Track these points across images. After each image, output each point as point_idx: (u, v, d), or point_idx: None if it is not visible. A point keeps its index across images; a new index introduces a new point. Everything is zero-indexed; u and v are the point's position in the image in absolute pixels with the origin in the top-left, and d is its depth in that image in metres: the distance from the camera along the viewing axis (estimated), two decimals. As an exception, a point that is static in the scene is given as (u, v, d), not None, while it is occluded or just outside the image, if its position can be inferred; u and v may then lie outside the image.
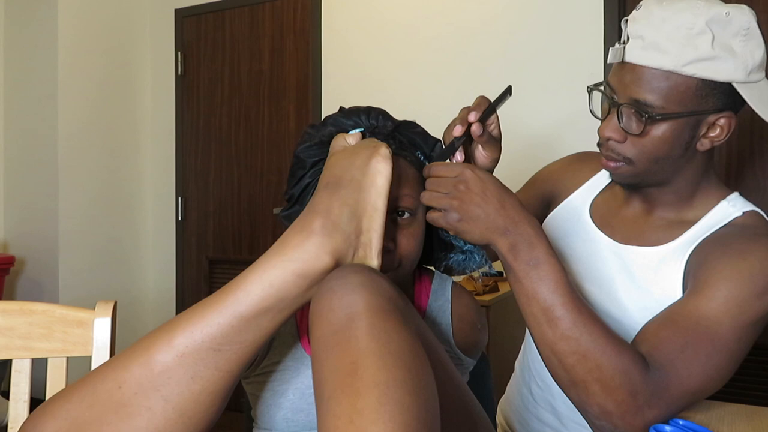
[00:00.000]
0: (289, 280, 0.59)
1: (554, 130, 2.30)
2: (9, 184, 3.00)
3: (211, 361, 0.58)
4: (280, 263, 0.59)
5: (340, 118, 0.80)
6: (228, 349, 0.58)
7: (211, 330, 0.58)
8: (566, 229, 1.01)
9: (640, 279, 0.88)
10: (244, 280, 0.59)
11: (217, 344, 0.58)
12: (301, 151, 0.81)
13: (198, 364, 0.58)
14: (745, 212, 0.86)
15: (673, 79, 0.79)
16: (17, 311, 0.83)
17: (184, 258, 3.23)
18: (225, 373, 0.59)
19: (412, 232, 0.77)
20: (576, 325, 0.72)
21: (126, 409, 0.56)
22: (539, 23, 2.36)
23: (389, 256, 0.75)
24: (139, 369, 0.57)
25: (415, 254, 0.78)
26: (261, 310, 0.59)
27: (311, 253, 0.60)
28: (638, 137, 0.83)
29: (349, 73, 2.76)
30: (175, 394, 0.57)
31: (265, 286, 0.59)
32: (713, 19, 0.78)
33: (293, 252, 0.60)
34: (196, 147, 3.20)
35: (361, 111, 0.80)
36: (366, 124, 0.78)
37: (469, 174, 0.73)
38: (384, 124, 0.79)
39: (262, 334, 0.60)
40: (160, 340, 0.58)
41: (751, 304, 0.76)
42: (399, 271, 0.77)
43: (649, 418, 0.72)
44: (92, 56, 3.00)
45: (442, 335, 0.85)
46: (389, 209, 0.75)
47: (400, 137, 0.80)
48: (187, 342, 0.57)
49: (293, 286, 0.59)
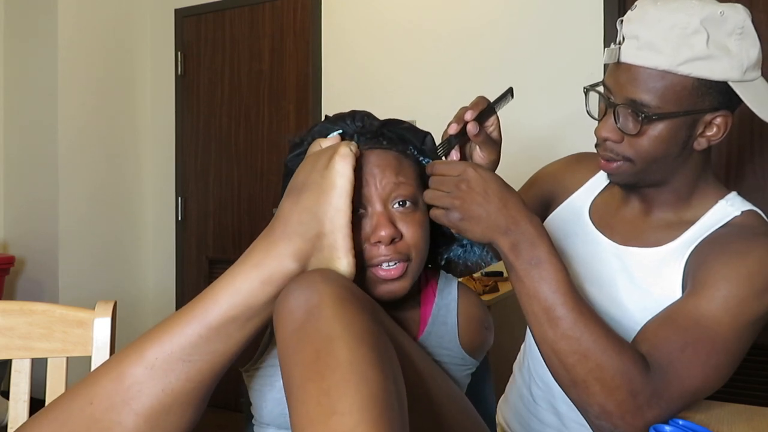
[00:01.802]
0: (255, 287, 0.59)
1: (554, 130, 2.30)
2: (9, 183, 3.00)
3: (182, 372, 0.58)
4: (245, 271, 0.60)
5: (326, 124, 0.80)
6: (198, 359, 0.58)
7: (180, 341, 0.58)
8: (566, 231, 1.01)
9: (640, 280, 0.88)
10: (212, 290, 0.60)
11: (187, 355, 0.58)
12: (289, 160, 0.81)
13: (169, 375, 0.57)
14: (744, 212, 0.86)
15: (669, 78, 0.79)
16: (17, 311, 0.84)
17: (184, 258, 3.23)
18: (197, 384, 0.59)
19: (416, 220, 0.77)
20: (577, 324, 0.72)
21: (98, 425, 0.56)
22: (539, 23, 2.36)
23: (397, 246, 0.74)
24: (110, 384, 0.57)
25: (423, 243, 0.77)
26: (229, 318, 0.59)
27: (274, 259, 0.61)
28: (635, 137, 0.83)
29: (349, 73, 2.76)
30: (147, 407, 0.57)
31: (232, 295, 0.59)
32: (708, 18, 0.78)
33: (258, 259, 0.61)
34: (196, 147, 3.20)
35: (346, 116, 0.80)
36: (352, 127, 0.79)
37: (472, 173, 0.73)
38: (370, 123, 0.79)
39: (233, 343, 0.60)
40: (131, 353, 0.58)
41: (750, 304, 0.76)
42: (411, 265, 0.76)
43: (649, 418, 0.72)
44: (92, 56, 3.00)
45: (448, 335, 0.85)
46: (388, 202, 0.76)
47: (388, 134, 0.80)
48: (157, 354, 0.57)
49: (260, 293, 0.60)
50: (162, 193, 3.28)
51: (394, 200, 0.76)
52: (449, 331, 0.85)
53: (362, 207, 0.76)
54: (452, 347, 0.85)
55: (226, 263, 3.10)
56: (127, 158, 3.20)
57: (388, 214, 0.75)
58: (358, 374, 0.50)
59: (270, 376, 0.78)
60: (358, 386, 0.49)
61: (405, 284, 0.76)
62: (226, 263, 3.12)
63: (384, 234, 0.72)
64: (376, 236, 0.73)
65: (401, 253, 0.75)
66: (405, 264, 0.75)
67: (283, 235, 0.62)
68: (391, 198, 0.76)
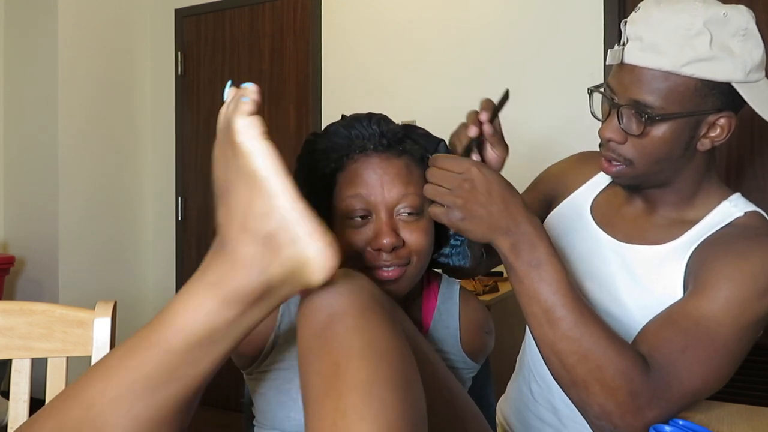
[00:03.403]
0: (216, 308, 0.51)
1: (554, 130, 2.30)
2: (9, 184, 3.00)
3: (151, 401, 0.52)
4: (202, 291, 0.52)
5: (340, 125, 0.80)
6: (165, 388, 0.52)
7: (143, 371, 0.52)
8: (567, 227, 1.01)
9: (641, 278, 0.88)
10: (169, 314, 0.53)
11: (153, 384, 0.52)
12: (300, 158, 0.82)
13: (136, 406, 0.52)
14: (747, 212, 0.86)
15: (672, 79, 0.79)
16: (17, 311, 0.83)
17: (184, 258, 3.23)
18: (169, 410, 0.53)
19: (420, 227, 0.77)
20: (577, 325, 0.72)
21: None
22: (539, 24, 2.36)
23: (398, 253, 0.75)
24: (76, 411, 0.53)
25: (426, 249, 0.78)
26: (192, 344, 0.52)
27: (230, 274, 0.51)
28: (638, 138, 0.83)
29: (349, 73, 2.76)
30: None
31: (191, 319, 0.52)
32: (711, 19, 0.78)
33: (214, 277, 0.52)
34: (196, 147, 3.20)
35: (363, 118, 0.80)
36: (368, 130, 0.79)
37: (476, 172, 0.73)
38: (391, 129, 0.80)
39: (204, 367, 0.53)
40: (94, 381, 0.54)
41: (752, 305, 0.76)
42: (410, 268, 0.77)
43: (649, 419, 0.72)
44: (92, 56, 3.00)
45: (450, 338, 0.85)
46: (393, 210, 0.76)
47: (402, 140, 0.80)
48: (119, 385, 0.52)
49: (223, 314, 0.52)
50: (162, 193, 3.28)
51: (399, 210, 0.76)
52: (451, 335, 0.85)
53: (367, 212, 0.76)
54: (454, 351, 0.85)
55: (226, 263, 3.11)
56: (127, 158, 3.20)
57: (392, 222, 0.75)
58: (378, 399, 0.48)
59: (274, 380, 0.78)
60: (376, 413, 0.47)
61: (402, 286, 0.77)
62: (226, 263, 3.14)
63: (386, 242, 0.73)
64: (378, 244, 0.74)
65: (401, 258, 0.75)
66: (404, 268, 0.76)
67: (233, 247, 0.52)
68: (396, 207, 0.76)
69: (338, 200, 0.78)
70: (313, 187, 0.80)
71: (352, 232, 0.76)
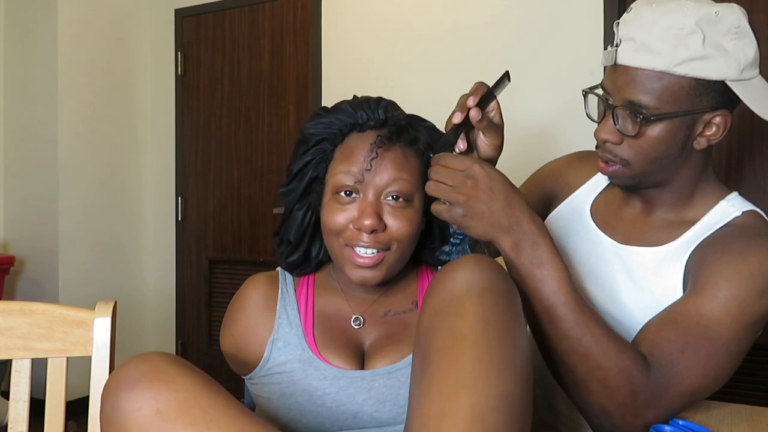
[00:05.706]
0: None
1: (554, 129, 2.30)
2: (9, 184, 3.00)
3: None
4: None
5: (349, 105, 0.83)
6: None
7: None
8: (567, 229, 1.02)
9: (641, 279, 0.88)
10: None
11: None
12: (307, 128, 0.83)
13: None
14: (745, 212, 0.86)
15: (666, 79, 0.79)
16: (17, 311, 0.83)
17: (184, 258, 3.23)
18: None
19: (405, 215, 0.78)
20: (578, 324, 0.72)
21: None
22: (539, 22, 2.36)
23: (378, 236, 0.76)
24: None
25: (408, 238, 0.79)
26: None
27: None
28: (634, 138, 0.83)
29: (349, 73, 2.76)
30: None
31: None
32: (703, 18, 0.78)
33: None
34: (196, 147, 3.20)
35: (372, 100, 0.83)
36: (375, 115, 0.81)
37: (478, 170, 0.74)
38: (395, 116, 0.81)
39: None
40: None
41: (751, 304, 0.76)
42: (389, 255, 0.78)
43: (649, 418, 0.72)
44: (92, 56, 3.00)
45: None
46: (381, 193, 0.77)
47: (412, 130, 0.82)
48: None
49: None
50: (162, 193, 3.28)
51: (388, 193, 0.77)
52: None
53: (354, 190, 0.77)
54: None
55: (226, 263, 3.11)
56: (127, 158, 3.20)
57: (377, 205, 0.76)
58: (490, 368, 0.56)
59: (278, 384, 0.78)
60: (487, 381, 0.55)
61: (379, 273, 0.78)
62: (226, 263, 3.13)
63: (367, 224, 0.75)
64: (359, 224, 0.75)
65: (381, 243, 0.76)
66: (383, 253, 0.76)
67: None
68: (385, 190, 0.76)
69: (331, 174, 0.80)
70: (313, 157, 0.82)
71: (338, 207, 0.78)
